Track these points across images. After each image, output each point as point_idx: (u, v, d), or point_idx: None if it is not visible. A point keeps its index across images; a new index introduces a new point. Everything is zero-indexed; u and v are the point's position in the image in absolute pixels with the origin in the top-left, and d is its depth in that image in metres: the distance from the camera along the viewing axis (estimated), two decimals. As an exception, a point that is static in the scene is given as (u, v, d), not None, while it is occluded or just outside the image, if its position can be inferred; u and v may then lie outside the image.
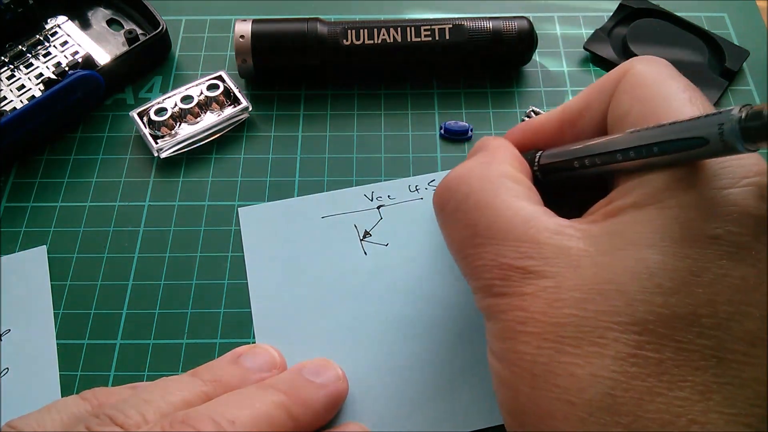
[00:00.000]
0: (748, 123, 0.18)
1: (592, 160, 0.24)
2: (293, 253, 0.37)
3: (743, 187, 0.20)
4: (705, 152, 0.20)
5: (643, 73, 0.25)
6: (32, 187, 0.40)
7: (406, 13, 0.48)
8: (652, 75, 0.25)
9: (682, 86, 0.24)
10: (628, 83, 0.25)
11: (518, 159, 0.27)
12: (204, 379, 0.28)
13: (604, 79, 0.26)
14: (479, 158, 0.27)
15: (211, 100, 0.42)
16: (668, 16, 0.47)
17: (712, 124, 0.19)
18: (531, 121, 0.30)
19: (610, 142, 0.24)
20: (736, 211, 0.20)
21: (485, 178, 0.25)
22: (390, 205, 0.39)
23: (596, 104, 0.26)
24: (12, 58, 0.44)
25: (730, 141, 0.19)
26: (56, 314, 0.36)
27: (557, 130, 0.28)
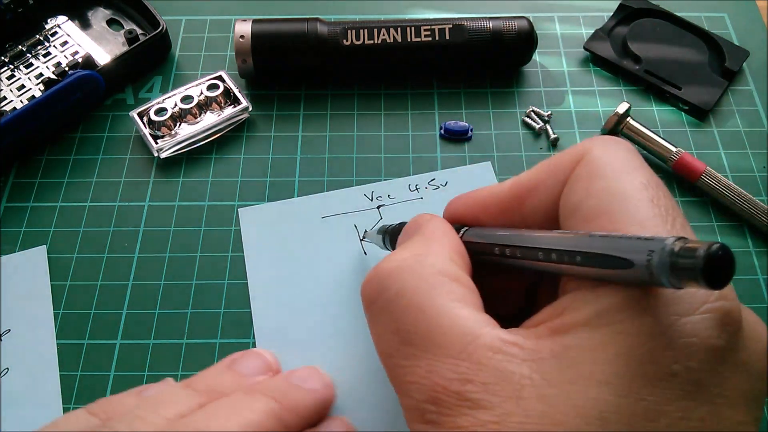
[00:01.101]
0: (679, 259, 0.16)
1: (513, 251, 0.23)
2: (293, 253, 0.37)
3: (703, 314, 0.18)
4: (629, 277, 0.18)
5: (603, 162, 0.22)
6: (32, 187, 0.40)
7: (406, 13, 0.48)
8: (612, 165, 0.22)
9: (644, 182, 0.21)
10: (584, 171, 0.22)
11: (458, 248, 0.25)
12: (198, 389, 0.27)
13: (559, 159, 0.24)
14: (414, 247, 0.24)
15: (211, 100, 0.42)
16: (668, 16, 0.47)
17: (641, 250, 0.18)
18: (477, 192, 0.27)
19: (536, 238, 0.22)
20: (695, 344, 0.18)
21: (420, 275, 0.22)
22: (390, 205, 0.39)
23: (548, 185, 0.23)
24: (12, 58, 0.44)
25: (656, 273, 0.17)
26: (56, 314, 0.36)
27: (505, 206, 0.25)
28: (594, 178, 0.22)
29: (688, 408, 0.18)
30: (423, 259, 0.23)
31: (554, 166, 0.24)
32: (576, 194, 0.22)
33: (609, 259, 0.19)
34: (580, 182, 0.22)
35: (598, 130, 0.42)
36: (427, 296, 0.21)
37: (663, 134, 0.41)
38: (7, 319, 0.35)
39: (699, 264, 0.16)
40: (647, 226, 0.20)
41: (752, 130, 0.42)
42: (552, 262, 0.21)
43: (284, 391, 0.28)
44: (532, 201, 0.24)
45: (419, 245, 0.24)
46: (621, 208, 0.20)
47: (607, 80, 0.45)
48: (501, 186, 0.26)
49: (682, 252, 0.16)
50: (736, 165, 0.41)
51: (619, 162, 0.22)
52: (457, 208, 0.27)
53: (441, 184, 0.40)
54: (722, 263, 0.16)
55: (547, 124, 0.42)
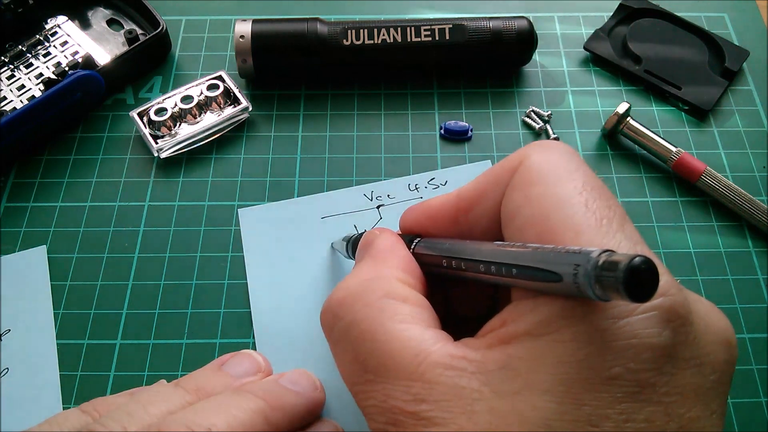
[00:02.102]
0: (603, 272, 0.16)
1: (459, 263, 0.23)
2: (293, 253, 0.37)
3: (644, 314, 0.18)
4: (560, 290, 0.18)
5: (538, 168, 0.22)
6: (32, 187, 0.40)
7: (406, 13, 0.48)
8: (547, 170, 0.22)
9: (579, 185, 0.21)
10: (521, 178, 0.22)
11: (406, 265, 0.25)
12: (187, 388, 0.28)
13: (500, 167, 0.24)
14: (362, 272, 0.25)
15: (211, 100, 0.42)
16: (668, 16, 0.47)
17: (568, 263, 0.18)
18: (428, 203, 0.27)
19: (477, 250, 0.22)
20: (636, 344, 0.18)
21: (367, 302, 0.23)
22: (389, 205, 0.39)
23: (490, 195, 0.24)
24: (12, 58, 0.44)
25: (582, 287, 0.17)
26: (56, 314, 0.36)
27: (452, 218, 0.25)
28: (530, 185, 0.22)
29: (632, 409, 0.18)
30: (370, 283, 0.23)
31: (495, 174, 0.24)
32: (513, 202, 0.22)
33: (540, 273, 0.19)
34: (516, 190, 0.22)
35: (599, 129, 0.42)
36: (377, 322, 0.22)
37: (663, 134, 0.41)
38: (7, 319, 0.35)
39: (620, 277, 0.16)
40: (583, 232, 0.20)
41: (752, 130, 0.42)
42: (492, 274, 0.21)
43: (273, 391, 0.28)
44: (476, 211, 0.24)
45: (367, 269, 0.25)
46: (556, 216, 0.20)
47: (607, 80, 0.45)
48: (448, 196, 0.26)
49: (605, 265, 0.16)
50: (736, 165, 0.41)
51: (555, 167, 0.22)
52: (409, 220, 0.28)
53: (441, 183, 0.40)
54: (644, 276, 0.16)
55: (547, 124, 0.42)
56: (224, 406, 0.26)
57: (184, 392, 0.27)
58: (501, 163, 0.24)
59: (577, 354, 0.18)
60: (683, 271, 0.37)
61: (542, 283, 0.19)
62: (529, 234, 0.21)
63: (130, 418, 0.25)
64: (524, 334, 0.20)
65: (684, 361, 0.19)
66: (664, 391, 0.18)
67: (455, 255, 0.23)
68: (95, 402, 0.28)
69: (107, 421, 0.25)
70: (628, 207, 0.39)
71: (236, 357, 0.31)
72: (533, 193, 0.21)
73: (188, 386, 0.28)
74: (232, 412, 0.25)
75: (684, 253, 0.38)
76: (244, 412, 0.26)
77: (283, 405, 0.27)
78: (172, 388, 0.28)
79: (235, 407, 0.26)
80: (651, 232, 0.38)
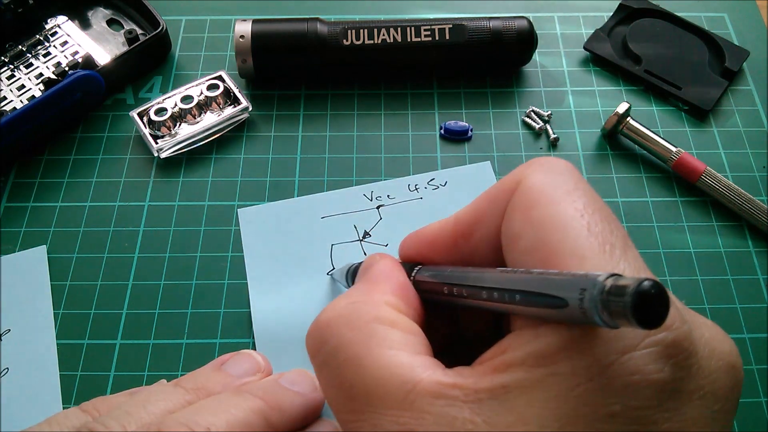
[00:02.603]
0: (610, 297, 0.16)
1: (460, 290, 0.22)
2: (293, 253, 0.37)
3: (645, 349, 0.18)
4: (566, 316, 0.18)
5: (537, 189, 0.21)
6: (32, 187, 0.40)
7: (406, 13, 0.48)
8: (547, 191, 0.21)
9: (581, 206, 0.20)
10: (519, 200, 0.21)
11: (401, 290, 0.24)
12: (187, 387, 0.28)
13: (497, 189, 0.23)
14: (353, 294, 0.24)
15: (211, 100, 0.42)
16: (668, 16, 0.47)
17: (574, 287, 0.17)
18: (426, 230, 0.26)
19: (478, 277, 0.21)
20: (636, 381, 0.17)
21: (355, 326, 0.22)
22: (389, 205, 0.39)
23: (489, 218, 0.23)
24: (12, 58, 0.44)
25: (589, 311, 0.16)
26: (56, 314, 0.36)
27: (452, 244, 0.25)
28: (529, 208, 0.21)
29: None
30: (359, 307, 0.23)
31: (492, 196, 0.23)
32: (514, 225, 0.21)
33: (545, 298, 0.18)
34: (516, 212, 0.21)
35: (599, 129, 0.42)
36: (364, 348, 0.21)
37: (663, 134, 0.41)
38: (7, 319, 0.35)
39: (628, 303, 0.15)
40: (587, 257, 0.19)
41: (752, 130, 0.42)
42: (495, 301, 0.20)
43: (272, 391, 0.28)
44: (476, 235, 0.23)
45: (359, 291, 0.24)
46: (558, 239, 0.20)
47: (607, 80, 0.45)
48: (446, 222, 0.25)
49: (612, 290, 0.16)
50: (736, 165, 0.41)
51: (555, 187, 0.21)
52: (407, 248, 0.27)
53: (440, 183, 0.40)
54: (653, 301, 0.15)
55: (547, 124, 0.42)
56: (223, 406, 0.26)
57: (184, 392, 0.27)
58: (498, 183, 0.23)
59: (575, 389, 0.18)
60: (683, 271, 0.37)
61: (546, 310, 0.18)
62: (532, 259, 0.20)
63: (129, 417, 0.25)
64: (522, 363, 0.19)
65: (687, 394, 0.18)
66: (667, 427, 0.18)
67: (456, 282, 0.22)
68: (95, 401, 0.28)
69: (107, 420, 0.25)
70: (628, 207, 0.39)
71: (236, 357, 0.31)
72: (533, 216, 0.21)
73: (188, 386, 0.28)
74: (232, 411, 0.25)
75: (684, 253, 0.38)
76: (243, 412, 0.26)
77: (282, 405, 0.27)
78: (172, 388, 0.28)
79: (235, 407, 0.26)
80: (651, 232, 0.38)
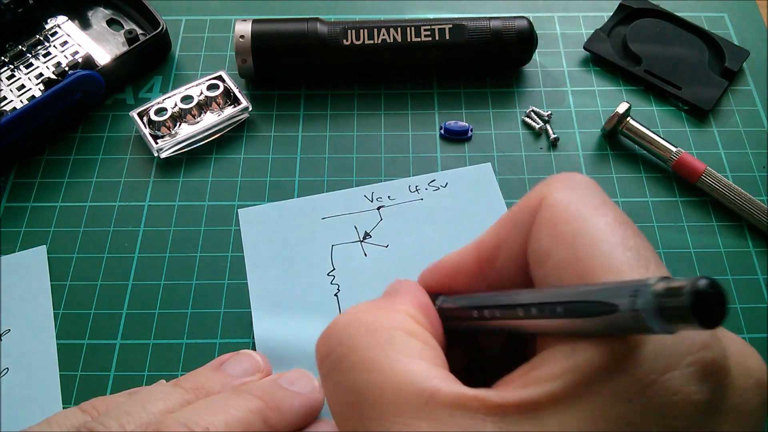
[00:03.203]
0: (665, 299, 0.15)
1: (492, 312, 0.21)
2: (293, 254, 0.37)
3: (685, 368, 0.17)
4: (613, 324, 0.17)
5: (564, 204, 0.20)
6: (32, 187, 0.40)
7: (406, 13, 0.48)
8: (574, 206, 0.20)
9: (611, 221, 0.20)
10: (546, 216, 0.21)
11: (423, 305, 0.23)
12: (186, 387, 0.28)
13: (518, 210, 0.22)
14: (373, 303, 0.23)
15: (211, 100, 0.42)
16: (668, 16, 0.47)
17: (624, 292, 0.16)
18: (446, 260, 0.25)
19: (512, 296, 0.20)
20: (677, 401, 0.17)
21: (373, 329, 0.21)
22: (390, 206, 0.39)
23: (513, 238, 0.22)
24: (12, 58, 0.44)
25: (643, 316, 0.16)
26: (56, 314, 0.36)
27: (475, 271, 0.24)
28: (557, 224, 0.20)
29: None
30: (379, 313, 0.22)
31: (515, 216, 0.22)
32: (542, 242, 0.20)
33: (591, 306, 0.17)
34: (544, 229, 0.21)
35: (599, 129, 0.42)
36: (380, 352, 0.20)
37: (663, 134, 0.41)
38: (7, 319, 0.35)
39: (686, 302, 0.14)
40: (624, 272, 0.18)
41: (752, 130, 0.42)
42: (532, 317, 0.19)
43: (271, 392, 0.28)
44: (500, 258, 0.23)
45: (378, 302, 0.23)
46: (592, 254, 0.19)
47: (607, 80, 0.45)
48: (467, 250, 0.24)
49: (667, 291, 0.15)
50: (736, 165, 0.41)
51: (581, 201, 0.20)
52: (428, 279, 0.25)
53: (441, 185, 0.40)
54: (712, 299, 0.14)
55: (547, 124, 0.42)
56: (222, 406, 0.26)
57: (183, 391, 0.27)
58: (519, 203, 0.22)
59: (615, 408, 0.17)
60: (683, 271, 0.37)
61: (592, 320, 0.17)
62: (565, 276, 0.19)
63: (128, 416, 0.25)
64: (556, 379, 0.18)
65: (723, 414, 0.18)
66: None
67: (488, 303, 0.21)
68: (94, 401, 0.28)
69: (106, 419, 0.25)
70: (628, 207, 0.39)
71: (235, 357, 0.31)
72: (563, 232, 0.20)
73: (187, 385, 0.28)
74: (230, 411, 0.25)
75: (684, 253, 0.38)
76: (242, 412, 0.26)
77: (281, 405, 0.27)
78: (171, 388, 0.28)
79: (234, 407, 0.26)
80: (651, 232, 0.38)
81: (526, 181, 0.40)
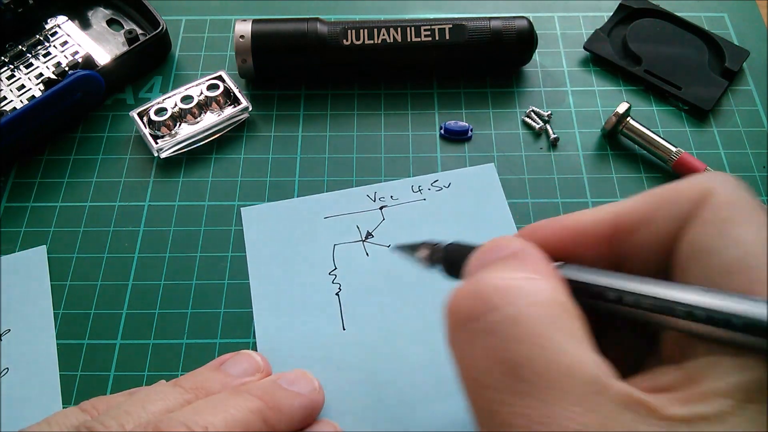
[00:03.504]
0: None
1: (639, 300, 0.19)
2: (295, 253, 0.37)
3: None
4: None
5: (737, 205, 0.19)
6: (32, 187, 0.40)
7: (406, 13, 0.48)
8: (748, 211, 0.19)
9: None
10: (715, 212, 0.19)
11: (560, 276, 0.21)
12: (186, 387, 0.28)
13: (674, 192, 0.21)
14: (518, 267, 0.20)
15: (211, 100, 0.42)
16: (668, 16, 0.47)
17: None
18: (572, 217, 0.23)
19: (671, 289, 0.19)
20: None
21: (538, 302, 0.19)
22: (392, 206, 0.39)
23: (663, 221, 0.21)
24: (12, 58, 0.44)
25: None
26: (56, 314, 0.35)
27: (608, 238, 0.22)
28: (730, 223, 0.19)
29: None
30: (538, 283, 0.20)
31: (667, 199, 0.21)
32: (707, 238, 0.19)
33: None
34: (710, 225, 0.19)
35: (599, 129, 0.42)
36: (547, 328, 0.18)
37: (663, 134, 0.41)
38: (7, 319, 0.35)
39: None
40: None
41: (752, 130, 0.42)
42: (696, 320, 0.18)
43: (271, 392, 0.28)
44: (641, 235, 0.21)
45: (523, 266, 0.21)
46: (764, 264, 0.18)
47: (607, 80, 0.45)
48: (601, 213, 0.22)
49: None
50: (736, 165, 0.41)
51: (754, 207, 0.19)
52: (545, 236, 0.23)
53: (444, 185, 0.40)
54: None
55: (547, 124, 0.42)
56: (222, 406, 0.26)
57: (183, 391, 0.27)
58: (673, 187, 0.21)
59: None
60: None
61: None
62: (728, 281, 0.18)
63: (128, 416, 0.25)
64: (726, 396, 0.17)
65: None
66: None
67: (639, 292, 0.19)
68: (94, 401, 0.28)
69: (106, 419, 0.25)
70: (628, 207, 0.39)
71: (235, 357, 0.31)
72: (737, 234, 0.19)
73: (187, 385, 0.28)
74: (230, 411, 0.26)
75: (684, 253, 0.38)
76: (241, 412, 0.26)
77: (280, 405, 0.27)
78: (171, 387, 0.28)
79: (233, 407, 0.26)
80: (651, 232, 0.38)
81: (525, 181, 0.40)
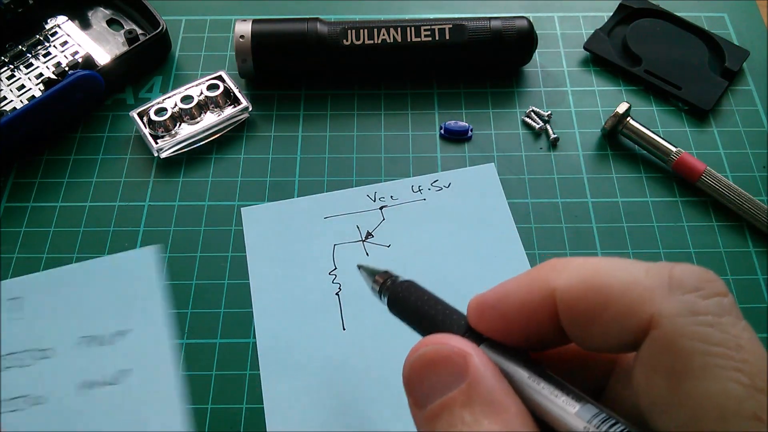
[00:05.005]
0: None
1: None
2: (295, 253, 0.37)
3: None
4: None
5: (685, 346, 0.15)
6: (32, 187, 0.40)
7: (406, 13, 0.48)
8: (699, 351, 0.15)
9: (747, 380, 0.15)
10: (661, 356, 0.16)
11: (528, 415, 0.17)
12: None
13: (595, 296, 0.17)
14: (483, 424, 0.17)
15: (211, 100, 0.42)
16: (668, 16, 0.47)
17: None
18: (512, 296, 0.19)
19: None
20: None
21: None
22: (392, 206, 0.39)
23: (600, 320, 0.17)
24: (12, 58, 0.44)
25: None
26: (56, 314, 0.36)
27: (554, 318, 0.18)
28: (681, 376, 0.15)
29: None
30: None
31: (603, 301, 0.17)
32: (658, 391, 0.16)
33: None
34: (658, 376, 0.15)
35: (599, 129, 0.42)
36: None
37: (663, 134, 0.41)
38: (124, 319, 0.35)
39: None
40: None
41: (752, 130, 0.42)
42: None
43: None
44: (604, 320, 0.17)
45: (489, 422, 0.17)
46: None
47: (607, 80, 0.45)
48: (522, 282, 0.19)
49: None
50: (736, 165, 0.41)
51: (708, 343, 0.15)
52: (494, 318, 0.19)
53: (444, 185, 0.40)
54: None
55: (547, 124, 0.42)
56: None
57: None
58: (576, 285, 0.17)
59: None
60: (683, 271, 0.37)
61: None
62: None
63: None
64: None
65: None
66: None
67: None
68: None
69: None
70: (628, 207, 0.39)
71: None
72: (688, 391, 0.15)
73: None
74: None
75: (684, 253, 0.38)
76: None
77: None
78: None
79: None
80: (651, 232, 0.38)
81: (526, 181, 0.40)
